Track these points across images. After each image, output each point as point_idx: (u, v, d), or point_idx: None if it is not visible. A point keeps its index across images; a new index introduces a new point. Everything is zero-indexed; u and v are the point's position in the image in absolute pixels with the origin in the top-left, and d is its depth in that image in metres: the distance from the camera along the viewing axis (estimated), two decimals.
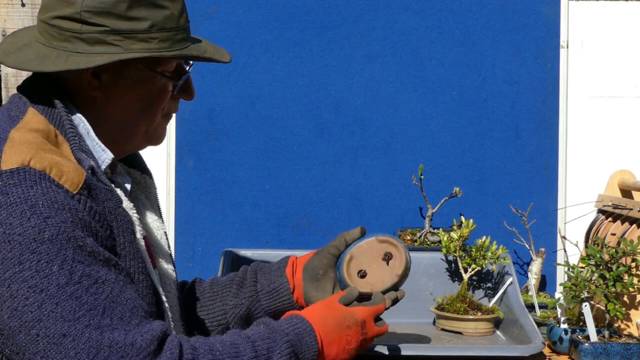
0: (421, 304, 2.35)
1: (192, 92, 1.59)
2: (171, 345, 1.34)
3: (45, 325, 1.27)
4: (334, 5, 2.78)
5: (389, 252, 1.77)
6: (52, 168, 1.35)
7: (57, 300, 1.28)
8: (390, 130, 2.79)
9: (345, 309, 1.61)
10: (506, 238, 2.60)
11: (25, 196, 1.31)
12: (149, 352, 1.31)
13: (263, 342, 1.44)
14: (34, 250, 1.28)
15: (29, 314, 1.27)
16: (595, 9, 2.79)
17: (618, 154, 2.78)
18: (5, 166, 1.34)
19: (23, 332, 1.28)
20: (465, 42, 2.78)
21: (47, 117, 1.44)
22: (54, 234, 1.29)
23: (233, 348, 1.41)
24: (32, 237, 1.29)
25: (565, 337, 2.07)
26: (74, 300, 1.28)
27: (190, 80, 1.58)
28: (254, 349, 1.42)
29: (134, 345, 1.29)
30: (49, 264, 1.28)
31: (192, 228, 2.78)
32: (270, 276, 1.80)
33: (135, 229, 1.47)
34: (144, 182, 1.70)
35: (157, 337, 1.33)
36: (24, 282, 1.28)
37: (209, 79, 2.76)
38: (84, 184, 1.36)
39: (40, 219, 1.30)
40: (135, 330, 1.31)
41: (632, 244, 2.08)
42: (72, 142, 1.43)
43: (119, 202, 1.44)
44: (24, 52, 1.47)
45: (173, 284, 1.67)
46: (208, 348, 1.39)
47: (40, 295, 1.27)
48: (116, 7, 1.44)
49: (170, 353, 1.33)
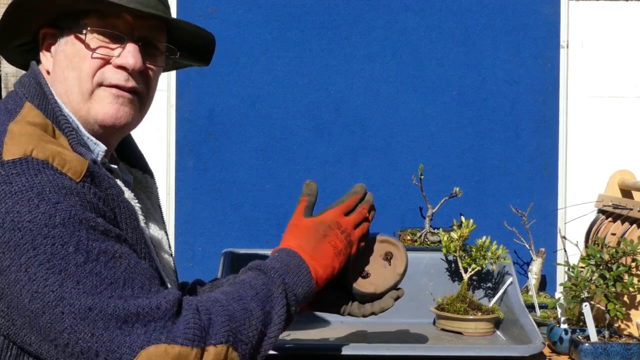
0: (421, 304, 2.35)
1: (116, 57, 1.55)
2: (188, 301, 1.38)
3: (70, 302, 1.28)
4: (334, 5, 2.78)
5: (390, 251, 1.78)
6: (54, 157, 1.36)
7: (78, 278, 1.29)
8: (390, 130, 2.79)
9: (313, 219, 1.65)
10: (506, 238, 2.60)
11: (31, 184, 1.32)
12: (173, 312, 1.34)
13: (257, 279, 1.49)
14: (47, 235, 1.29)
15: (50, 294, 1.28)
16: (595, 9, 2.79)
17: (618, 154, 2.78)
18: (7, 156, 1.35)
19: (47, 313, 1.28)
20: (465, 42, 2.78)
21: (43, 111, 1.45)
22: (65, 218, 1.31)
23: (235, 294, 1.45)
24: (43, 222, 1.30)
25: (565, 337, 2.07)
26: (94, 276, 1.30)
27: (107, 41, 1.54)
28: (252, 287, 1.46)
29: (159, 308, 1.32)
30: (64, 246, 1.30)
31: (192, 228, 2.78)
32: None
33: (138, 217, 1.48)
34: (146, 181, 1.70)
35: (178, 300, 1.36)
36: (41, 265, 1.28)
37: (209, 79, 2.76)
38: (87, 172, 1.38)
39: (50, 205, 1.31)
40: (157, 296, 1.34)
41: (632, 244, 2.08)
42: (69, 136, 1.44)
43: (121, 192, 1.46)
44: None
45: (174, 281, 1.68)
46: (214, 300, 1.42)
47: (60, 275, 1.28)
48: None
49: (189, 307, 1.37)
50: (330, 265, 1.59)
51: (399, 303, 1.79)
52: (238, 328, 1.39)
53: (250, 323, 1.41)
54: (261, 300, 1.45)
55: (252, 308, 1.43)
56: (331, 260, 1.59)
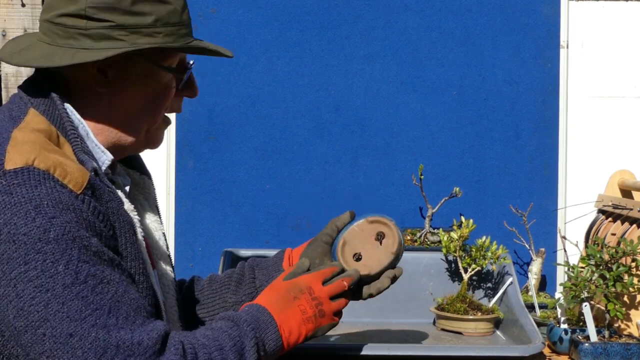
0: (421, 304, 2.35)
1: (195, 89, 1.60)
2: (174, 342, 1.36)
3: (52, 325, 1.27)
4: (334, 5, 2.78)
5: (381, 231, 1.77)
6: (56, 168, 1.35)
7: (64, 299, 1.28)
8: (390, 130, 2.79)
9: (288, 282, 1.61)
10: (506, 238, 2.60)
11: (30, 196, 1.31)
12: (155, 350, 1.32)
13: (232, 330, 1.46)
14: (39, 250, 1.28)
15: (35, 314, 1.27)
16: (595, 9, 2.79)
17: (618, 154, 2.78)
18: (9, 166, 1.34)
19: (29, 332, 1.28)
20: (465, 42, 2.78)
21: (48, 117, 1.44)
22: (59, 234, 1.30)
23: (216, 342, 1.43)
24: (37, 237, 1.29)
25: (565, 337, 2.07)
26: (80, 299, 1.29)
27: (193, 76, 1.59)
28: (230, 338, 1.44)
29: (140, 344, 1.30)
30: (55, 263, 1.29)
31: (192, 228, 2.78)
32: (268, 272, 1.80)
33: (136, 230, 1.47)
34: (143, 183, 1.70)
35: (162, 336, 1.34)
36: (29, 282, 1.28)
37: (209, 79, 2.76)
38: (87, 184, 1.37)
39: (46, 219, 1.30)
40: (141, 329, 1.32)
41: (632, 244, 2.08)
42: (74, 144, 1.43)
43: (120, 204, 1.45)
44: (29, 52, 1.48)
45: (171, 285, 1.68)
46: (201, 344, 1.41)
47: (47, 294, 1.27)
48: (120, 2, 1.45)
49: (175, 349, 1.34)
50: (297, 330, 1.55)
51: (399, 303, 1.79)
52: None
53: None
54: (237, 352, 1.43)
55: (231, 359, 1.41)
56: (297, 325, 1.55)
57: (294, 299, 1.57)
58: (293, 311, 1.55)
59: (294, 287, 1.59)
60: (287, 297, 1.57)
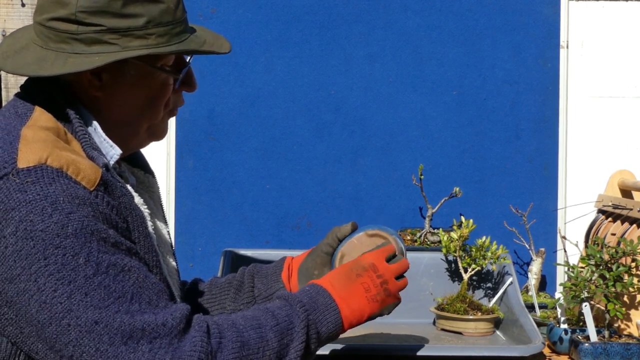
0: (421, 304, 2.35)
1: (193, 84, 1.59)
2: (198, 321, 1.37)
3: (76, 315, 1.28)
4: (334, 5, 2.78)
5: (379, 245, 1.76)
6: (69, 166, 1.35)
7: (86, 290, 1.29)
8: (390, 130, 2.79)
9: (350, 261, 1.60)
10: (506, 238, 2.60)
11: (45, 193, 1.31)
12: (180, 330, 1.33)
13: (281, 310, 1.45)
14: (58, 245, 1.29)
15: (58, 305, 1.28)
16: (595, 9, 2.79)
17: (618, 154, 2.78)
18: (22, 164, 1.34)
19: (54, 324, 1.28)
20: (465, 42, 2.78)
21: (54, 114, 1.44)
22: (77, 229, 1.30)
23: (254, 320, 1.42)
24: (55, 232, 1.29)
25: (565, 337, 2.07)
26: (103, 289, 1.29)
27: (191, 72, 1.58)
28: (274, 317, 1.44)
29: (165, 325, 1.31)
30: (75, 257, 1.29)
31: (192, 228, 2.78)
32: (267, 281, 1.80)
33: (147, 223, 1.48)
34: (148, 181, 1.70)
35: (185, 316, 1.35)
36: (50, 276, 1.28)
37: (209, 79, 2.76)
38: (100, 181, 1.38)
39: (63, 215, 1.30)
40: (164, 312, 1.33)
41: (632, 244, 2.08)
42: (82, 140, 1.44)
43: (131, 198, 1.46)
44: (21, 56, 1.47)
45: (177, 281, 1.68)
46: (231, 323, 1.41)
47: (69, 286, 1.28)
48: (111, 5, 1.43)
49: (199, 327, 1.35)
50: (359, 309, 1.52)
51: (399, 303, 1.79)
52: (249, 356, 1.37)
53: (264, 353, 1.39)
54: (280, 331, 1.42)
55: (270, 338, 1.40)
56: (359, 304, 1.52)
57: (357, 276, 1.55)
58: (356, 289, 1.53)
59: (357, 265, 1.57)
60: (349, 274, 1.55)
